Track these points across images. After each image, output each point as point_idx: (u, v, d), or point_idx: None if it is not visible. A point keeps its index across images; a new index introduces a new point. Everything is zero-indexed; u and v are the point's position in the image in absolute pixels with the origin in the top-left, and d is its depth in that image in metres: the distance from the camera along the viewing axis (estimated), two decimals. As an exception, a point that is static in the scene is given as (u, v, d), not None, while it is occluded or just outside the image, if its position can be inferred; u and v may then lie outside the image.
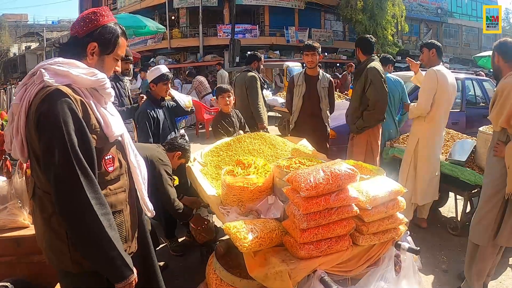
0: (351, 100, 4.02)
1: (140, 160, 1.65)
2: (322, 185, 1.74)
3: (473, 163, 3.75)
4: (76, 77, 1.35)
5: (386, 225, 1.98)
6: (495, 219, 2.53)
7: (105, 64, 1.49)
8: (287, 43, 23.01)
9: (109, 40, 1.47)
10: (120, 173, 1.51)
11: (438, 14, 29.11)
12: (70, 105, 1.29)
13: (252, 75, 4.59)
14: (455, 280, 3.00)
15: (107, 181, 1.45)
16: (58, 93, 1.29)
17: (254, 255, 1.86)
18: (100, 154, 1.41)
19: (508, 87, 2.43)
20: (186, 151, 2.97)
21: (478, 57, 10.86)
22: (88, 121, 1.35)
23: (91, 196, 1.30)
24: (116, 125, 1.47)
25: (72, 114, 1.29)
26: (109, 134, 1.43)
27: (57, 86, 1.31)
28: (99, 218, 1.31)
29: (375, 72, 3.65)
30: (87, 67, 1.40)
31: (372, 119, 3.75)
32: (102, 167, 1.42)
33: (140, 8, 22.90)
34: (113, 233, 1.36)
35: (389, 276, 1.93)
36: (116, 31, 1.49)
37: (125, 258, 1.39)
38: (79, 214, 1.30)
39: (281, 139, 3.12)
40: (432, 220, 4.04)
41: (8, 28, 37.95)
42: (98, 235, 1.32)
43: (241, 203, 2.19)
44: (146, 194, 1.65)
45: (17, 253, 2.38)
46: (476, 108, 6.54)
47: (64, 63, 1.36)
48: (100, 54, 1.47)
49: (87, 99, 1.38)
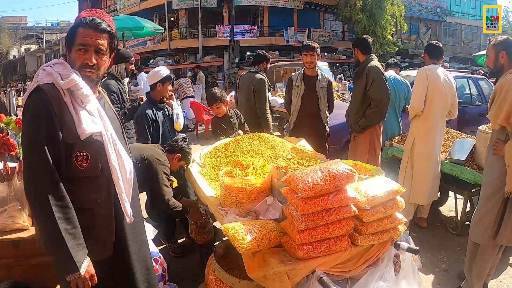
0: (352, 100, 4.01)
1: (126, 162, 1.63)
2: (320, 186, 1.74)
3: (473, 162, 3.75)
4: (56, 77, 1.46)
5: (385, 225, 1.98)
6: (495, 218, 2.52)
7: (71, 60, 1.56)
8: (286, 43, 23.00)
9: (68, 36, 1.57)
10: (95, 173, 1.54)
11: (437, 13, 29.09)
12: (44, 100, 1.43)
13: (261, 77, 4.38)
14: (455, 279, 3.00)
15: (79, 178, 1.51)
16: (37, 90, 1.45)
17: (253, 256, 1.85)
18: (71, 150, 1.48)
19: (507, 84, 2.42)
20: (187, 154, 2.95)
21: (477, 56, 10.86)
22: (63, 117, 1.45)
23: (48, 188, 1.40)
24: (90, 123, 1.51)
25: (44, 109, 1.42)
26: (79, 131, 1.48)
27: (40, 84, 1.44)
28: (52, 208, 1.38)
29: (377, 71, 3.67)
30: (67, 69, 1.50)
31: (375, 117, 3.78)
32: (73, 163, 1.48)
33: (139, 10, 22.90)
34: (68, 227, 1.41)
35: (389, 276, 1.93)
36: (74, 26, 1.58)
37: (72, 253, 1.40)
38: (36, 203, 1.41)
39: (280, 140, 3.12)
40: (432, 220, 4.03)
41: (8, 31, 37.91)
42: (48, 226, 1.40)
43: (240, 204, 2.19)
44: (126, 199, 1.62)
45: (16, 255, 2.37)
46: (469, 107, 6.57)
47: (55, 63, 1.51)
48: (69, 52, 1.56)
49: (65, 97, 1.48)
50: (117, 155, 1.59)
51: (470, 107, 6.64)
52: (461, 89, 6.58)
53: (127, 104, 3.84)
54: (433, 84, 3.48)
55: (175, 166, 2.95)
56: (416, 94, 3.54)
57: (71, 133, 1.46)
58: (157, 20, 22.67)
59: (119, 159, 1.59)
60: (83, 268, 1.43)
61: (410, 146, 3.68)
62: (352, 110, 3.94)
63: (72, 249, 1.40)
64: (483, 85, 7.07)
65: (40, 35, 35.70)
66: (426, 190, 3.66)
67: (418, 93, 3.53)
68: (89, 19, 1.54)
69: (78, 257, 1.41)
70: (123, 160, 1.61)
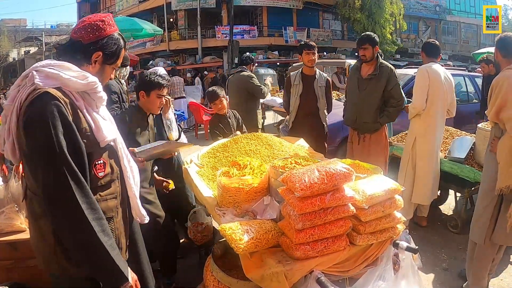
0: (367, 100, 3.82)
1: (134, 165, 1.63)
2: (317, 185, 1.72)
3: (473, 160, 3.74)
4: (67, 80, 1.33)
5: (384, 224, 1.96)
6: (491, 216, 2.51)
7: (104, 73, 1.51)
8: (285, 43, 23.03)
9: (114, 52, 1.49)
10: (111, 179, 1.48)
11: (437, 12, 29.09)
12: (59, 108, 1.27)
13: (248, 73, 4.82)
14: (455, 278, 2.99)
15: (97, 187, 1.42)
16: (47, 96, 1.27)
17: (250, 256, 1.84)
18: (90, 159, 1.38)
19: (500, 81, 2.42)
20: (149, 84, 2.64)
21: (477, 54, 10.84)
22: (78, 124, 1.34)
23: (82, 201, 1.27)
24: (108, 129, 1.45)
25: (61, 117, 1.27)
26: (100, 139, 1.40)
27: (46, 89, 1.29)
28: (91, 223, 1.28)
29: (396, 72, 3.78)
30: (79, 70, 1.38)
31: (396, 115, 3.84)
32: (92, 172, 1.39)
33: (138, 11, 22.96)
34: (106, 239, 1.33)
35: (388, 276, 1.91)
36: (120, 42, 1.51)
37: (118, 265, 1.36)
38: (70, 219, 1.28)
39: (278, 139, 3.10)
40: (432, 218, 4.02)
41: (7, 33, 38.00)
42: (90, 241, 1.30)
43: (237, 204, 2.17)
44: (138, 201, 1.62)
45: (14, 257, 2.38)
46: (465, 105, 6.57)
47: (56, 65, 1.35)
48: (103, 63, 1.48)
49: (77, 102, 1.36)
50: (126, 157, 1.57)
51: (466, 105, 6.65)
52: (458, 87, 6.58)
53: (126, 104, 3.86)
54: (434, 82, 3.47)
55: (150, 103, 2.68)
56: (418, 92, 3.52)
57: (89, 140, 1.37)
58: (156, 21, 22.73)
59: (128, 161, 1.58)
60: (130, 277, 1.42)
61: (411, 145, 3.66)
62: (369, 110, 3.80)
63: (117, 260, 1.35)
64: (480, 83, 7.07)
65: (40, 37, 35.71)
66: (428, 189, 3.65)
67: (420, 91, 3.51)
68: (125, 40, 1.55)
69: (123, 267, 1.38)
70: (130, 161, 1.60)
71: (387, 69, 3.74)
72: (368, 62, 3.79)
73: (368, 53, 3.72)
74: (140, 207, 1.63)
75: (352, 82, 4.00)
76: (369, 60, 3.77)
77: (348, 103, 4.09)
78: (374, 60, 3.77)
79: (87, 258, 1.32)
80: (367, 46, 3.72)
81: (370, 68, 3.80)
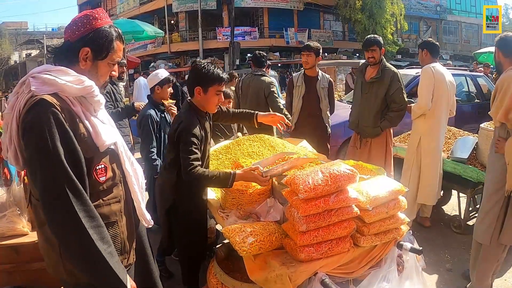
0: (367, 104, 3.80)
1: (138, 167, 1.61)
2: (320, 187, 1.71)
3: (475, 160, 3.72)
4: (63, 85, 1.29)
5: (388, 226, 1.96)
6: (498, 217, 2.49)
7: (99, 70, 1.43)
8: (286, 44, 23.05)
9: (102, 45, 1.39)
10: (113, 183, 1.46)
11: (437, 12, 29.05)
12: (55, 114, 1.25)
13: (271, 81, 4.28)
14: (459, 279, 2.97)
15: (99, 192, 1.39)
16: (43, 103, 1.25)
17: (254, 259, 1.83)
18: (90, 164, 1.35)
19: (507, 81, 2.40)
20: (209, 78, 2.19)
21: (478, 54, 10.85)
22: (75, 130, 1.30)
23: (79, 209, 1.25)
24: (107, 133, 1.42)
25: (57, 124, 1.25)
26: (99, 144, 1.37)
27: (42, 95, 1.26)
28: (88, 231, 1.26)
29: (400, 76, 3.70)
30: (76, 75, 1.34)
31: (398, 120, 3.76)
32: (93, 177, 1.37)
33: (139, 13, 23.01)
34: (105, 246, 1.30)
35: (392, 277, 1.90)
36: (110, 34, 1.41)
37: (117, 273, 1.33)
38: (66, 227, 1.25)
39: (281, 141, 3.09)
40: (435, 219, 4.01)
41: (8, 36, 38.09)
42: (88, 249, 1.27)
43: (240, 206, 2.17)
44: (143, 204, 1.60)
45: (16, 261, 2.37)
46: (466, 105, 6.55)
47: (52, 70, 1.32)
48: (94, 60, 1.40)
49: (74, 107, 1.33)
50: (129, 160, 1.55)
51: (468, 105, 6.64)
52: (459, 86, 6.58)
53: (120, 104, 3.88)
54: (439, 81, 3.46)
55: (211, 103, 2.28)
56: (424, 92, 3.49)
57: (88, 146, 1.34)
58: (157, 23, 22.77)
59: (131, 164, 1.55)
60: (128, 284, 1.40)
61: (416, 146, 3.65)
62: (369, 114, 3.78)
63: (115, 268, 1.32)
64: (481, 83, 7.06)
65: (41, 40, 35.79)
66: (434, 189, 3.63)
67: (425, 91, 3.48)
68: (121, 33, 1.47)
69: (122, 275, 1.36)
70: (133, 164, 1.58)
71: (390, 73, 3.69)
72: (374, 65, 3.77)
73: (376, 55, 3.70)
74: (144, 211, 1.60)
75: (357, 85, 3.99)
76: (377, 62, 3.74)
77: (352, 106, 4.09)
78: (379, 63, 3.75)
79: (85, 265, 1.30)
80: (375, 48, 3.69)
81: (373, 71, 3.77)
